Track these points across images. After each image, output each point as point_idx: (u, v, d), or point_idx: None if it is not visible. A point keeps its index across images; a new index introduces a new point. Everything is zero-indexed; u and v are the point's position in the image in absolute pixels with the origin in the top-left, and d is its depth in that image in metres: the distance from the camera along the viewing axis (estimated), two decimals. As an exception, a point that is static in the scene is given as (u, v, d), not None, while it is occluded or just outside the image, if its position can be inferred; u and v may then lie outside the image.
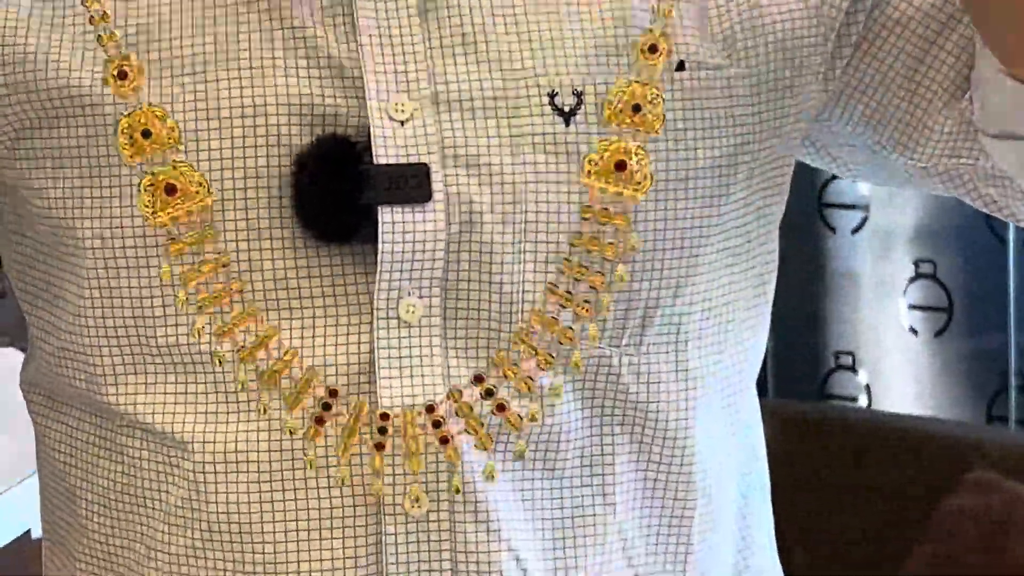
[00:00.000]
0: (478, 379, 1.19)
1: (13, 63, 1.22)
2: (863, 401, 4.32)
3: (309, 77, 1.18)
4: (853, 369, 4.33)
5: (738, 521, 1.34)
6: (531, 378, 1.19)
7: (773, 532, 1.41)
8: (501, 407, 1.19)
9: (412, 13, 1.19)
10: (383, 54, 1.19)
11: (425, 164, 1.17)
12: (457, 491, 1.18)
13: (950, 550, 3.50)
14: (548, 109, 1.19)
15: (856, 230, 4.27)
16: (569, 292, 1.19)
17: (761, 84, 1.26)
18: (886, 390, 4.30)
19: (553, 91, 1.19)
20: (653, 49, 1.19)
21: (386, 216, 1.16)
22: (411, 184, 1.16)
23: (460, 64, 1.20)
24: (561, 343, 1.19)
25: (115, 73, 1.17)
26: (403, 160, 1.17)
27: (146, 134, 1.17)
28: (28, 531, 2.29)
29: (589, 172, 1.18)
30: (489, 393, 1.19)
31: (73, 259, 1.22)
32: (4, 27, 1.22)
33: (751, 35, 1.25)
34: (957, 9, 1.25)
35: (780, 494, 3.75)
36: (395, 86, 1.18)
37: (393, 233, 1.16)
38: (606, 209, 1.18)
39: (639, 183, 1.18)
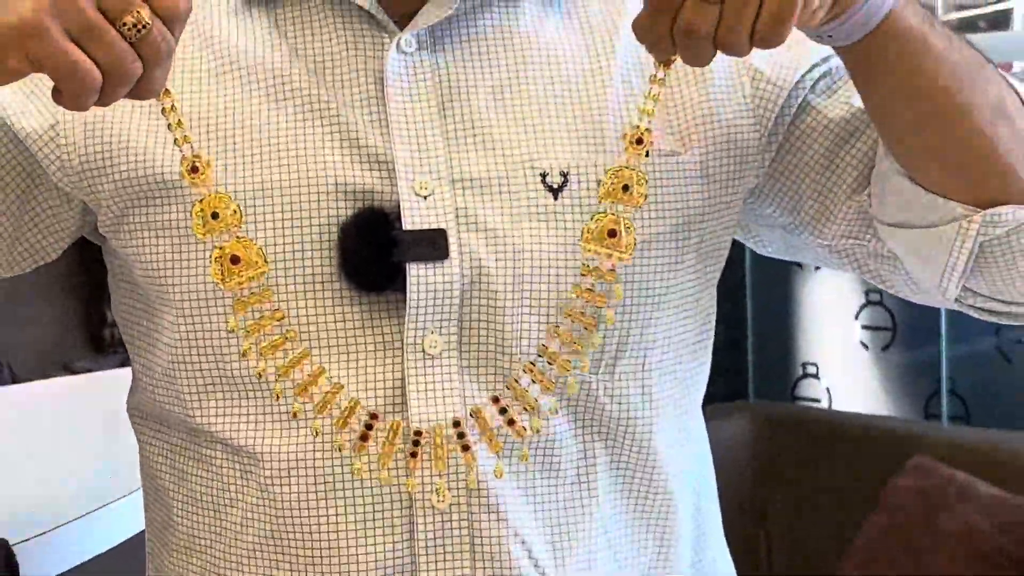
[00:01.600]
0: (495, 400, 1.22)
1: (113, 162, 1.24)
2: (824, 402, 4.39)
3: (350, 161, 1.21)
4: (816, 376, 4.40)
5: (694, 515, 1.35)
6: (536, 399, 1.22)
7: (721, 524, 1.41)
8: (511, 422, 1.22)
9: (432, 110, 1.22)
10: (409, 143, 1.21)
11: (444, 230, 1.20)
12: (473, 487, 1.21)
13: (896, 521, 3.53)
14: (540, 187, 1.22)
15: (819, 267, 4.24)
16: (568, 332, 1.22)
17: (710, 169, 1.27)
18: (843, 393, 4.35)
19: (544, 172, 1.22)
20: (639, 141, 1.20)
21: (413, 271, 1.19)
22: (432, 246, 1.20)
23: (470, 151, 1.22)
24: (560, 373, 1.22)
25: (189, 168, 1.18)
26: (426, 227, 1.20)
27: (215, 216, 1.19)
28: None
29: (587, 238, 1.21)
30: (503, 411, 1.22)
31: (164, 311, 1.25)
32: (96, 129, 1.24)
33: (703, 130, 1.27)
34: (865, 119, 1.25)
35: (759, 472, 3.79)
36: (419, 168, 1.21)
37: (419, 284, 1.20)
38: (599, 268, 1.21)
39: (625, 247, 1.21)
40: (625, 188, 1.21)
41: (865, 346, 4.29)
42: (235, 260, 1.19)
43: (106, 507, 1.95)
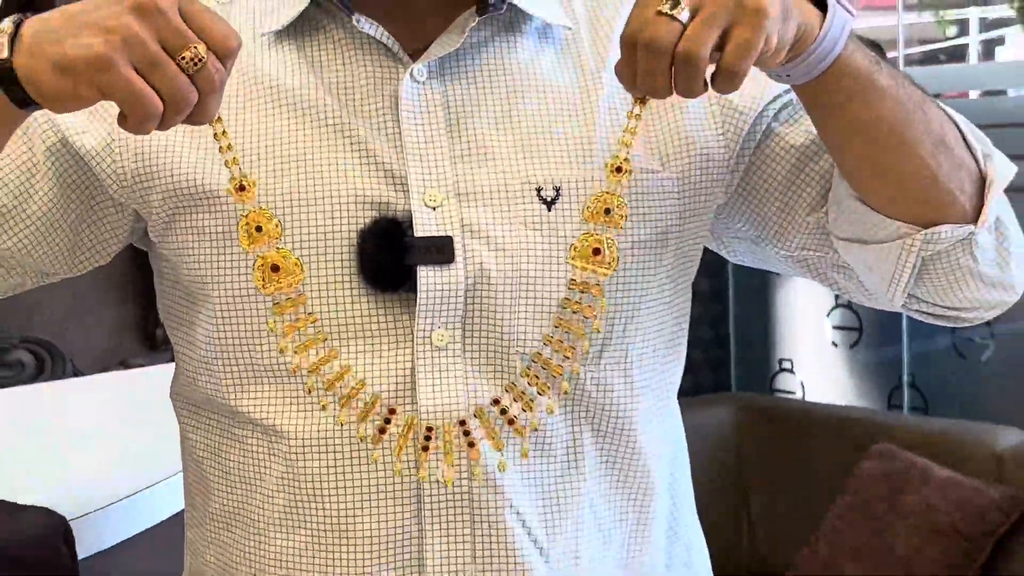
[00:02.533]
0: (495, 401, 1.24)
1: (162, 174, 1.26)
2: (799, 394, 4.42)
3: (369, 175, 1.24)
4: (792, 371, 4.46)
5: (668, 489, 1.37)
6: (532, 400, 1.25)
7: (693, 501, 1.42)
8: (511, 421, 1.25)
9: (441, 131, 1.25)
10: (421, 160, 1.24)
11: (450, 237, 1.23)
12: (479, 478, 1.24)
13: (861, 500, 3.59)
14: (536, 199, 1.25)
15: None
16: (560, 340, 1.25)
17: (685, 185, 1.29)
18: (815, 386, 4.39)
19: (539, 187, 1.25)
20: (619, 170, 1.24)
21: (422, 273, 1.22)
22: (440, 251, 1.23)
23: (474, 167, 1.25)
24: (554, 376, 1.25)
25: (237, 187, 1.22)
26: (435, 234, 1.23)
27: (259, 229, 1.22)
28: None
29: (573, 256, 1.24)
30: (503, 411, 1.24)
31: (207, 307, 1.27)
32: (148, 146, 1.27)
33: (677, 149, 1.29)
34: (821, 145, 1.28)
35: (740, 456, 3.86)
36: (429, 183, 1.24)
37: (428, 285, 1.22)
38: (586, 282, 1.24)
39: (609, 263, 1.24)
40: (607, 211, 1.24)
41: (835, 344, 4.37)
42: (275, 268, 1.22)
43: (152, 487, 1.98)
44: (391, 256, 1.22)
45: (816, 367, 4.37)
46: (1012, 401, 3.96)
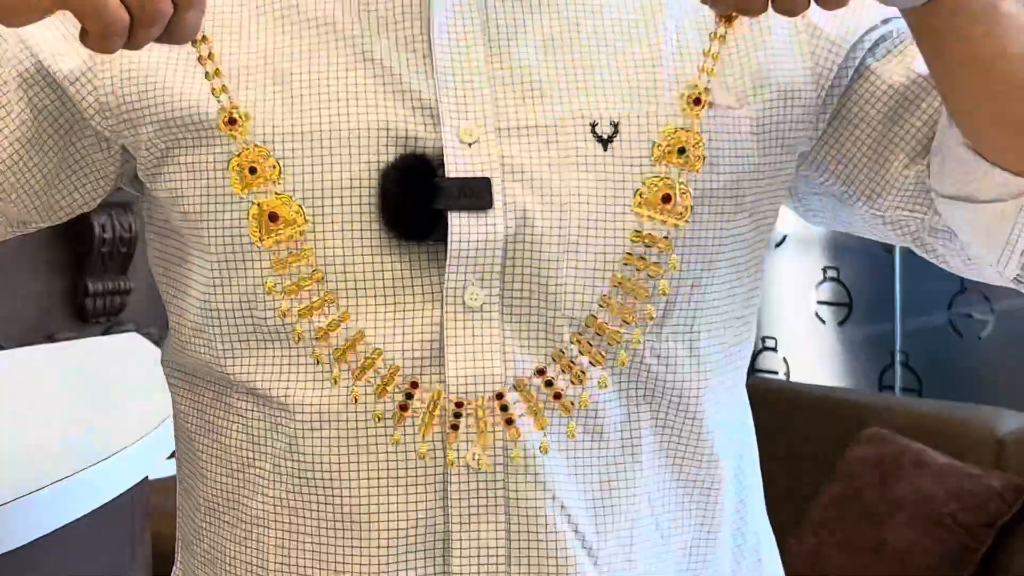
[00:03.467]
0: (540, 372, 1.13)
1: (150, 104, 1.16)
2: (783, 375, 4.42)
3: (393, 105, 1.13)
4: (775, 350, 4.43)
5: (736, 480, 1.25)
6: (583, 372, 1.13)
7: (762, 495, 1.32)
8: (557, 395, 1.13)
9: (480, 56, 1.14)
10: (455, 89, 1.13)
11: (488, 178, 1.11)
12: (517, 461, 1.12)
13: (852, 488, 3.52)
14: (590, 136, 1.13)
15: (779, 244, 4.38)
16: (620, 302, 1.13)
17: (764, 127, 1.17)
18: (800, 366, 4.38)
19: (594, 122, 1.13)
20: (697, 101, 1.13)
21: (455, 220, 1.10)
22: (476, 195, 1.11)
23: (518, 99, 1.14)
24: (610, 344, 1.13)
25: (227, 120, 1.12)
26: (470, 175, 1.11)
27: (252, 171, 1.12)
28: (146, 477, 2.25)
29: (639, 203, 1.12)
30: (548, 384, 1.13)
31: (200, 256, 1.16)
32: (133, 71, 1.17)
33: (758, 87, 1.17)
34: (926, 85, 1.18)
35: None
36: (464, 115, 1.12)
37: (460, 233, 1.10)
38: (652, 234, 1.12)
39: (681, 213, 1.12)
40: (681, 151, 1.13)
41: (822, 320, 4.29)
42: (273, 217, 1.12)
43: (86, 470, 1.88)
44: (418, 198, 1.10)
45: (801, 345, 4.36)
46: (1013, 382, 3.97)
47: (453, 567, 1.13)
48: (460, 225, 1.10)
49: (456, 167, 1.11)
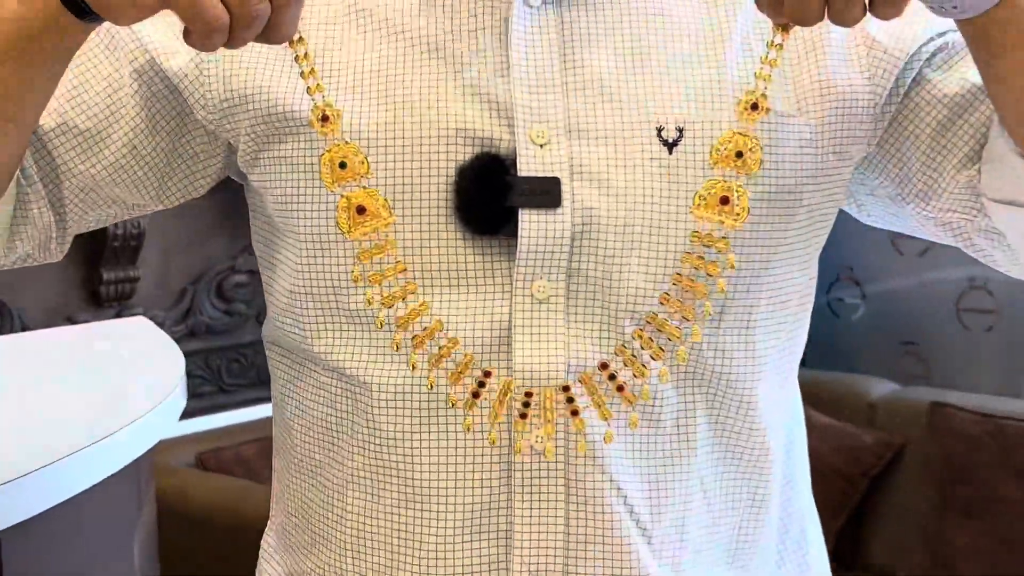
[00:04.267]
0: (603, 365, 1.07)
1: (249, 100, 1.12)
2: None
3: (471, 107, 1.08)
4: None
5: (784, 467, 1.19)
6: (644, 365, 1.08)
7: (809, 478, 1.25)
8: (620, 388, 1.07)
9: (554, 62, 1.09)
10: (529, 92, 1.08)
11: (558, 178, 1.06)
12: (582, 451, 1.07)
13: None
14: (656, 140, 1.07)
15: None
16: (679, 300, 1.07)
17: (823, 135, 1.11)
18: None
19: (660, 126, 1.07)
20: (755, 107, 1.07)
21: (525, 216, 1.06)
22: (546, 193, 1.06)
23: (588, 103, 1.08)
24: (670, 340, 1.08)
25: (320, 118, 1.07)
26: (541, 174, 1.06)
27: (343, 165, 1.08)
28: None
29: (699, 205, 1.07)
30: (612, 377, 1.07)
31: (291, 242, 1.13)
32: (234, 70, 1.13)
33: (817, 96, 1.11)
34: (979, 94, 1.10)
35: None
36: (537, 118, 1.07)
37: (530, 230, 1.06)
38: (711, 235, 1.07)
39: (738, 214, 1.07)
40: (739, 154, 1.07)
41: None
42: (361, 210, 1.07)
43: (98, 442, 1.78)
44: (491, 196, 1.06)
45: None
46: (881, 355, 4.06)
47: (515, 546, 1.08)
48: (530, 222, 1.06)
49: (528, 166, 1.06)
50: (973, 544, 3.37)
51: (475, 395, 1.06)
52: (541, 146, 1.06)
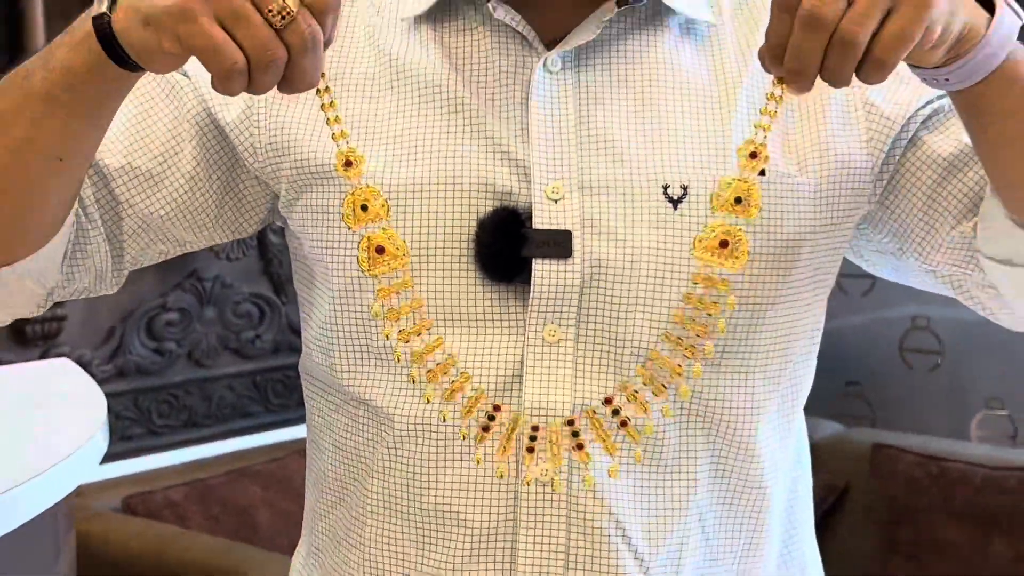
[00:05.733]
0: (607, 400, 1.14)
1: (288, 150, 1.20)
2: None
3: (492, 164, 1.16)
4: None
5: (786, 508, 1.25)
6: (647, 402, 1.14)
7: (813, 522, 1.31)
8: (623, 423, 1.14)
9: (570, 123, 1.16)
10: (546, 151, 1.15)
11: (569, 231, 1.14)
12: (589, 486, 1.14)
13: None
14: (662, 198, 1.14)
15: None
16: (680, 338, 1.13)
17: (824, 195, 1.17)
18: None
19: (666, 185, 1.14)
20: (754, 155, 1.12)
21: (538, 266, 1.13)
22: (558, 245, 1.14)
23: (600, 162, 1.15)
24: (673, 376, 1.14)
25: (343, 163, 1.15)
26: (554, 227, 1.14)
27: (364, 207, 1.15)
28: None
29: (699, 247, 1.13)
30: (615, 412, 1.14)
31: (323, 284, 1.22)
32: (277, 123, 1.21)
33: (818, 158, 1.17)
34: (972, 154, 1.15)
35: None
36: (553, 175, 1.15)
37: (543, 278, 1.14)
38: (711, 277, 1.13)
39: (737, 257, 1.13)
40: (738, 200, 1.13)
41: None
42: (380, 250, 1.15)
43: (11, 490, 1.77)
44: (507, 246, 1.14)
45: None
46: (825, 395, 3.83)
47: (518, 570, 1.16)
48: (543, 271, 1.14)
49: (542, 220, 1.14)
50: (916, 587, 3.41)
51: (485, 428, 1.14)
52: (556, 201, 1.13)
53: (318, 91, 1.10)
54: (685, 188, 1.14)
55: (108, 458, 2.15)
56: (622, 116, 1.17)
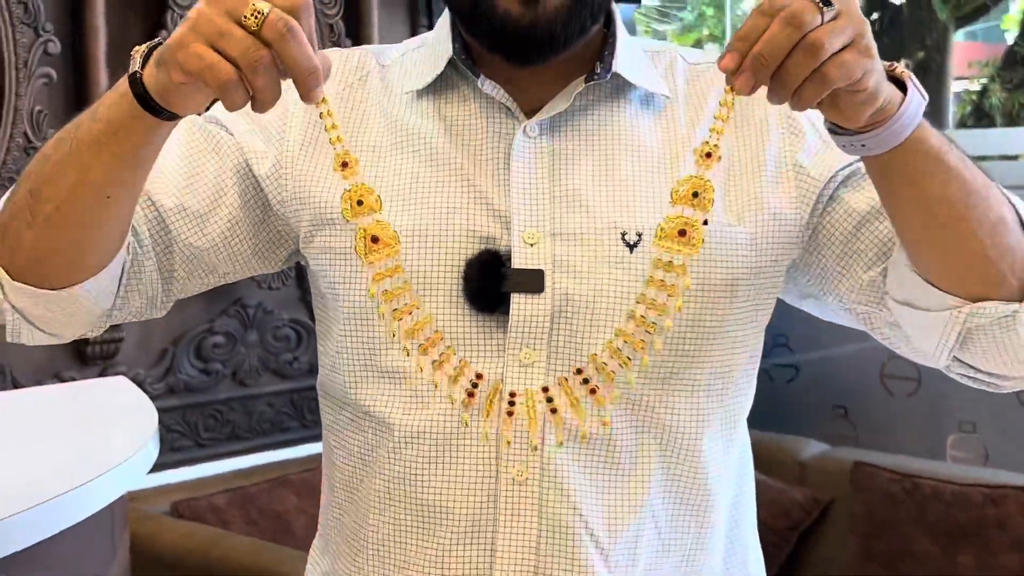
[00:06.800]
0: (578, 371, 1.24)
1: (305, 199, 1.30)
2: None
3: (479, 214, 1.26)
4: None
5: (730, 507, 1.35)
6: (613, 372, 1.23)
7: (755, 519, 1.42)
8: (593, 391, 1.24)
9: (544, 180, 1.27)
10: (524, 204, 1.26)
11: (542, 271, 1.24)
12: (561, 444, 1.24)
13: None
14: (620, 243, 1.25)
15: None
16: (642, 315, 1.22)
17: (759, 243, 1.28)
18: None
19: (624, 232, 1.25)
20: (708, 155, 1.15)
21: (516, 300, 1.24)
22: (533, 282, 1.24)
23: (569, 213, 1.26)
24: (635, 349, 1.23)
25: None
26: (529, 267, 1.24)
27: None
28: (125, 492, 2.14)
29: (660, 236, 1.19)
30: (585, 381, 1.24)
31: (336, 316, 1.32)
32: (297, 176, 1.31)
33: (754, 210, 1.27)
34: (882, 210, 1.23)
35: None
36: (529, 223, 1.25)
37: (519, 310, 1.24)
38: (670, 261, 1.20)
39: (694, 244, 1.18)
40: (695, 194, 1.18)
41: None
42: (375, 239, 1.22)
43: (73, 490, 1.88)
44: (491, 283, 1.25)
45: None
46: (814, 418, 4.16)
47: (497, 556, 1.26)
48: (519, 303, 1.25)
49: (520, 261, 1.25)
50: (891, 595, 3.52)
51: (470, 395, 1.25)
52: (531, 245, 1.25)
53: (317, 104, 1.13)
54: (640, 235, 1.25)
55: (159, 467, 2.23)
56: (589, 174, 1.28)
